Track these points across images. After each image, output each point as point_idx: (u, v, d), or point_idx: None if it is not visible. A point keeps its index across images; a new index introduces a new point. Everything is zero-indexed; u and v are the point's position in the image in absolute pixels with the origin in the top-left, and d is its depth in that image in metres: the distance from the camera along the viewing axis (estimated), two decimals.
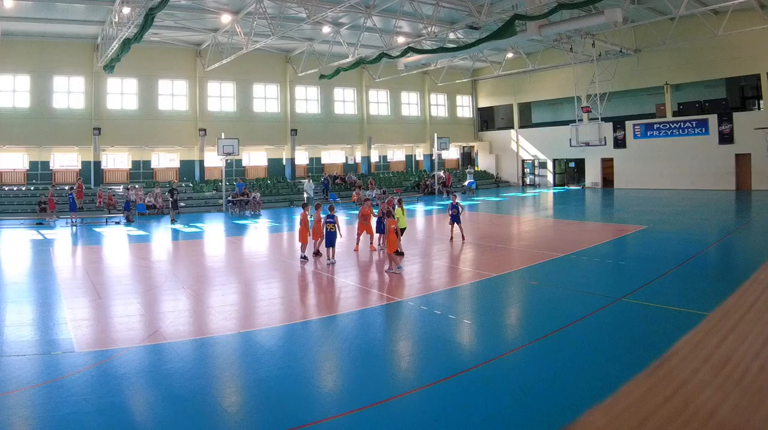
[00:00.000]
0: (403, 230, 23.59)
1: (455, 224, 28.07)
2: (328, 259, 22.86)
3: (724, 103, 52.47)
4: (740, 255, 24.48)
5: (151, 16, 30.63)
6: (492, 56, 60.81)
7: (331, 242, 22.83)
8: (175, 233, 34.66)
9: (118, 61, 40.99)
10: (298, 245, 23.79)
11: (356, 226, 26.51)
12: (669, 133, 55.32)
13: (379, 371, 11.71)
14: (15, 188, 46.25)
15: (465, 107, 73.83)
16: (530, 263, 22.38)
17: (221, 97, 55.45)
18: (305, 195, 44.20)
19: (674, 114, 55.60)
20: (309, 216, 23.70)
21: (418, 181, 61.37)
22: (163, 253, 29.23)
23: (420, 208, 47.31)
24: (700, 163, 52.65)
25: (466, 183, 61.06)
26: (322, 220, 23.04)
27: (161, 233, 35.17)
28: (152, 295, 18.58)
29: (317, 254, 23.86)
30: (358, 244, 25.96)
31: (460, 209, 28.46)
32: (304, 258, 23.45)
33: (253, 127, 55.19)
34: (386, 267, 21.01)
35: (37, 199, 42.06)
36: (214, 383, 11.36)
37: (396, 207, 24.09)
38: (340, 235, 23.59)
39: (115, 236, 33.75)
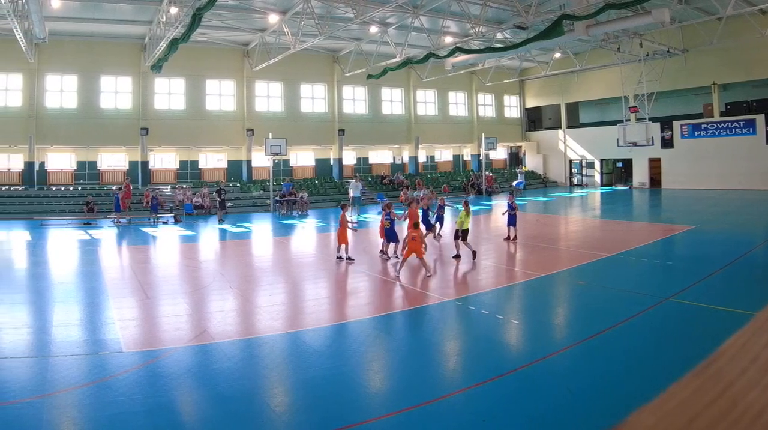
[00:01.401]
0: (465, 232, 23.09)
1: (511, 227, 28.01)
2: (393, 255, 23.31)
3: None
4: None
5: (198, 16, 30.83)
6: (539, 56, 60.45)
7: (390, 238, 23.28)
8: (223, 233, 34.87)
9: (165, 61, 41.44)
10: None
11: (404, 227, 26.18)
12: (716, 133, 54.61)
13: (427, 371, 11.67)
14: (62, 188, 46.93)
15: (512, 107, 73.50)
16: (577, 263, 22.39)
17: (269, 97, 55.74)
18: (350, 195, 44.12)
19: (722, 114, 54.86)
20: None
21: (466, 182, 60.98)
22: (211, 253, 29.48)
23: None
24: (747, 163, 51.86)
25: (514, 183, 60.57)
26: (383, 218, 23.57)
27: (208, 233, 35.47)
28: (200, 295, 18.71)
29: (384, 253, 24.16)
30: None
31: (515, 209, 28.13)
32: (340, 258, 23.54)
33: (300, 127, 55.37)
34: (423, 273, 20.67)
35: (84, 199, 42.58)
36: (261, 383, 11.39)
37: (461, 209, 23.62)
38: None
39: (162, 236, 34.02)
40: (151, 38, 43.48)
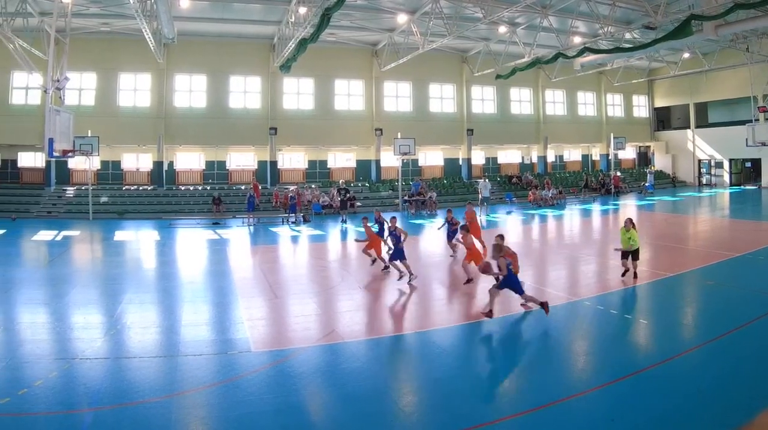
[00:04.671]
0: (636, 252, 19.63)
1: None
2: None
3: None
4: None
5: (327, 16, 31.18)
6: (668, 56, 58.72)
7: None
8: (351, 233, 34.94)
9: (294, 61, 42.03)
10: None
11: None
12: None
13: (555, 370, 11.74)
14: (191, 188, 48.41)
15: (641, 107, 71.73)
16: (706, 263, 22.35)
17: (397, 96, 55.93)
18: (480, 195, 43.71)
19: None
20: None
21: (599, 181, 59.85)
22: (339, 252, 29.67)
23: (596, 208, 46.50)
24: None
25: (645, 184, 59.13)
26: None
27: (336, 233, 35.80)
28: (328, 294, 18.89)
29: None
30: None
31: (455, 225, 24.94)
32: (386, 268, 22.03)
33: (429, 126, 55.33)
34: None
35: (211, 195, 43.82)
36: (389, 382, 11.45)
37: (629, 229, 19.95)
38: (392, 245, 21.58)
39: (291, 236, 34.45)
40: (280, 38, 44.33)
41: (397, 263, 20.37)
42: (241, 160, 52.43)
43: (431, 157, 58.87)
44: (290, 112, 51.00)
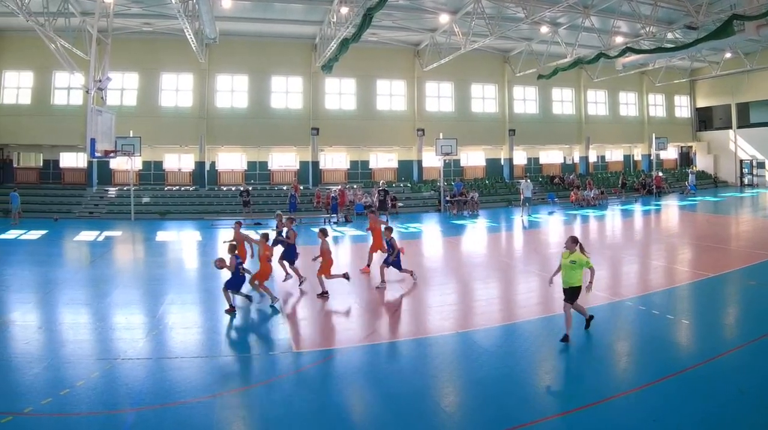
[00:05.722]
0: (577, 291, 13.67)
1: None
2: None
3: None
4: None
5: (369, 16, 31.28)
6: (710, 56, 58.37)
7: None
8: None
9: (336, 62, 42.29)
10: (515, 246, 23.28)
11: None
12: None
13: (597, 370, 11.82)
14: (233, 188, 48.54)
15: (683, 107, 71.33)
16: (748, 263, 22.39)
17: (439, 97, 55.97)
18: (522, 196, 43.48)
19: None
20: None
21: (641, 181, 59.46)
22: (379, 253, 29.55)
23: (638, 208, 46.23)
24: None
25: (688, 184, 58.56)
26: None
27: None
28: (370, 295, 18.90)
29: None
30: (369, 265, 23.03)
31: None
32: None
33: (470, 127, 55.25)
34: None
35: (252, 199, 44.01)
36: (432, 382, 11.44)
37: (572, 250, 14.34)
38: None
39: (332, 236, 34.37)
40: (322, 38, 44.54)
41: (286, 263, 20.53)
42: (283, 160, 52.72)
43: (473, 158, 58.84)
44: (332, 112, 51.29)
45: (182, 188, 48.04)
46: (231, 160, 51.67)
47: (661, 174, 59.98)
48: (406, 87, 53.95)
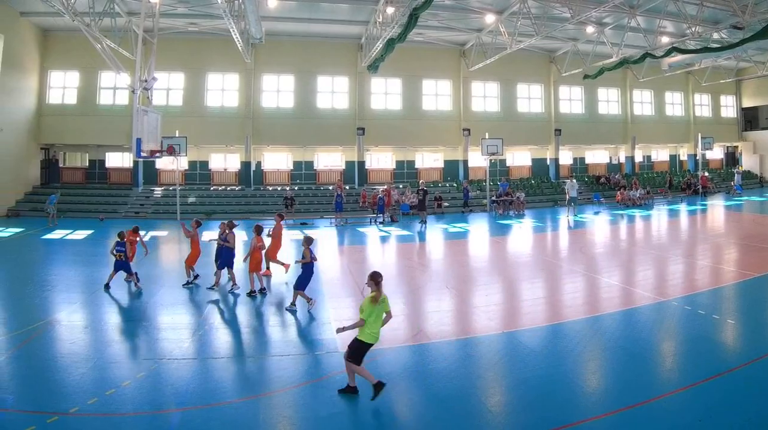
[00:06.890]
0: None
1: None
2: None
3: None
4: None
5: (415, 16, 31.37)
6: (756, 56, 57.43)
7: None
8: (440, 233, 34.87)
9: (382, 61, 42.39)
10: (561, 246, 23.17)
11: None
12: None
13: (643, 371, 11.77)
14: (279, 188, 48.82)
15: (729, 107, 70.73)
16: None
17: (485, 97, 55.83)
18: (567, 195, 43.17)
19: None
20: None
21: (686, 181, 58.87)
22: (427, 253, 29.60)
23: (683, 208, 45.93)
24: None
25: (734, 184, 57.90)
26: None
27: (425, 233, 35.58)
28: (416, 295, 18.91)
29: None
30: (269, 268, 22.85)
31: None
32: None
33: (516, 127, 55.10)
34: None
35: (299, 199, 44.19)
36: (477, 383, 11.45)
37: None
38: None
39: (379, 236, 34.48)
40: (368, 38, 44.74)
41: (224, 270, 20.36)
42: (329, 160, 52.93)
43: (519, 158, 58.78)
44: (378, 112, 51.36)
45: (228, 188, 48.38)
46: (277, 160, 51.90)
47: (707, 174, 59.51)
48: (452, 87, 53.89)
